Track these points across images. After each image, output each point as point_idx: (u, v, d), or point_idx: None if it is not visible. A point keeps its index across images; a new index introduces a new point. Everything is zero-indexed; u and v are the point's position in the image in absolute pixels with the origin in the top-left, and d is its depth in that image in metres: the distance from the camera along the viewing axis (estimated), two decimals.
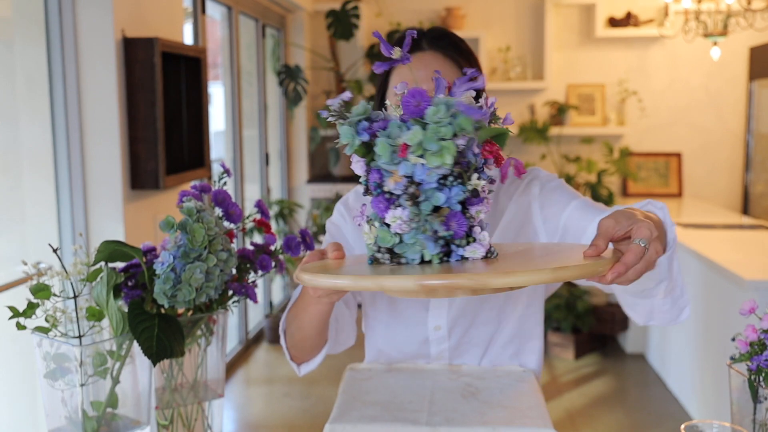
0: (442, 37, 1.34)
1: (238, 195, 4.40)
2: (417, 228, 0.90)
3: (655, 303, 1.18)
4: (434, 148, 0.87)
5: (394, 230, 0.91)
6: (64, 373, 1.07)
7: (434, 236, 0.90)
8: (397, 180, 0.90)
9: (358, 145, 0.91)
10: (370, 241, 0.94)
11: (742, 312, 1.14)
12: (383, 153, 0.89)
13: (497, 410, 1.16)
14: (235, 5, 4.31)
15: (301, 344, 1.34)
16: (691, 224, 4.13)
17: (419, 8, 5.46)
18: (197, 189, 1.19)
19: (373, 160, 0.92)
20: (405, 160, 0.89)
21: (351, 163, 0.98)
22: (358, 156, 0.92)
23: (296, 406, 3.78)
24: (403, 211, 0.90)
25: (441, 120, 0.88)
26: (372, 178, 0.92)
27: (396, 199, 0.90)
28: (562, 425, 3.53)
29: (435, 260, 0.91)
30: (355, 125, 0.92)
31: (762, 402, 1.08)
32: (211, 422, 1.20)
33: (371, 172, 0.92)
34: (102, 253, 1.09)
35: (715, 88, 5.44)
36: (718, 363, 3.19)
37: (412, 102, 0.90)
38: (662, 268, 1.10)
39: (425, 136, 0.88)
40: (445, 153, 0.87)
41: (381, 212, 0.92)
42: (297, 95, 4.96)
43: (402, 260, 0.92)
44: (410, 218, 0.90)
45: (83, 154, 2.57)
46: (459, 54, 1.34)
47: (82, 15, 2.52)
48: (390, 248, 0.92)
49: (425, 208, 0.90)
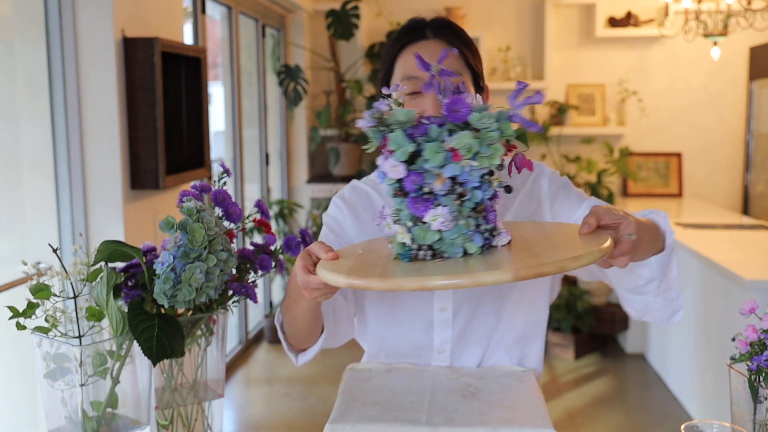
0: (445, 27, 1.38)
1: (238, 195, 4.40)
2: (458, 224, 0.96)
3: (649, 300, 1.26)
4: (486, 152, 0.95)
5: (435, 228, 0.96)
6: (64, 373, 1.07)
7: (478, 230, 0.98)
8: (443, 181, 0.95)
9: (411, 150, 0.95)
10: (406, 239, 0.98)
11: (742, 312, 1.14)
12: (434, 157, 0.94)
13: (497, 410, 1.16)
14: (235, 5, 4.31)
15: (297, 335, 1.33)
16: (691, 224, 4.13)
17: (419, 8, 5.46)
18: (197, 189, 1.19)
19: (413, 164, 0.96)
20: (453, 163, 0.94)
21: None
22: (399, 161, 0.96)
23: (296, 406, 3.78)
24: (443, 209, 0.95)
25: (489, 126, 0.95)
26: (413, 180, 0.96)
27: (436, 198, 0.96)
28: (562, 425, 3.53)
29: (478, 251, 0.98)
30: (404, 131, 0.96)
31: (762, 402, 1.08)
32: (211, 422, 1.20)
33: (411, 175, 0.96)
34: (102, 253, 1.09)
35: (716, 88, 5.44)
36: (718, 363, 3.19)
37: (454, 108, 0.96)
38: (653, 268, 1.18)
39: (476, 140, 0.95)
40: (495, 155, 0.96)
41: (420, 212, 0.96)
42: (297, 95, 4.96)
43: (444, 255, 0.98)
44: (453, 215, 0.96)
45: (83, 154, 2.57)
46: (462, 42, 1.38)
47: (82, 15, 2.52)
48: (430, 245, 0.97)
49: (468, 205, 0.97)
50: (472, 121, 0.96)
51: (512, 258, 0.94)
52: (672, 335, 3.98)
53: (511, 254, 0.97)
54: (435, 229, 0.97)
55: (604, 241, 0.97)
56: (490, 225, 0.99)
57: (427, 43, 1.36)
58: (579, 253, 0.91)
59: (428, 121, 0.98)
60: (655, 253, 1.17)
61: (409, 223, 0.98)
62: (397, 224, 1.00)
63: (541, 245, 1.00)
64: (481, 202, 0.98)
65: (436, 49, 1.35)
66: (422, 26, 1.38)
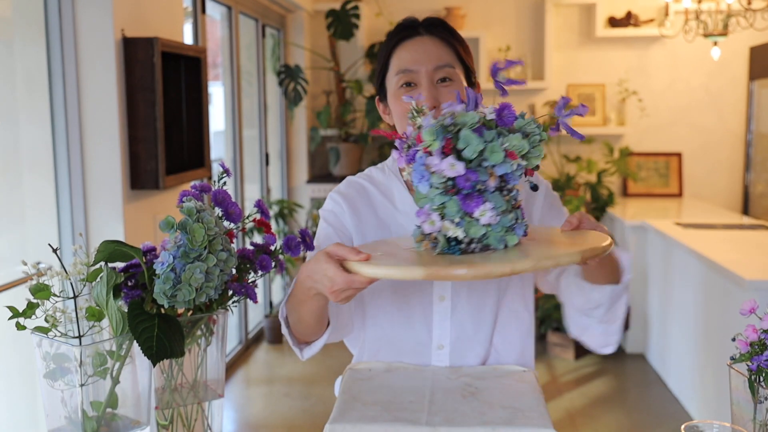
0: (437, 24, 1.44)
1: (238, 195, 4.39)
2: (503, 218, 1.06)
3: (591, 324, 1.38)
4: (534, 153, 1.06)
5: (483, 222, 1.04)
6: (63, 373, 1.07)
7: (518, 222, 1.08)
8: (495, 178, 1.05)
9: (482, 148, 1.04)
10: (458, 234, 1.05)
11: (743, 312, 1.14)
12: (494, 156, 1.03)
13: (497, 410, 1.16)
14: (234, 5, 4.31)
15: (303, 331, 1.35)
16: (691, 224, 4.13)
17: (419, 8, 5.46)
18: (197, 189, 1.18)
19: (471, 163, 1.04)
20: (505, 162, 1.04)
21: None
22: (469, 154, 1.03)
23: (296, 406, 3.78)
24: (489, 204, 1.04)
25: (534, 130, 1.07)
26: (468, 179, 1.04)
27: (484, 195, 1.05)
28: (562, 425, 3.53)
29: (515, 243, 1.07)
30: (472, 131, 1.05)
31: (762, 402, 1.08)
32: (211, 422, 1.20)
33: (467, 173, 1.03)
34: (102, 253, 1.09)
35: (716, 88, 5.44)
36: (719, 363, 3.19)
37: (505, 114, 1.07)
38: (604, 295, 1.30)
39: (528, 142, 1.06)
40: (541, 155, 1.07)
41: (470, 208, 1.04)
42: (297, 95, 4.96)
43: (491, 247, 1.07)
44: (499, 211, 1.05)
45: (83, 154, 2.57)
46: (454, 39, 1.44)
47: (82, 15, 2.52)
48: (479, 239, 1.06)
49: (512, 201, 1.07)
50: (519, 126, 1.06)
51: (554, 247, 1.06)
52: (672, 335, 3.98)
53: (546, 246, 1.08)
54: (483, 223, 1.04)
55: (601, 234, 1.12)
56: (525, 219, 1.10)
57: (421, 39, 1.42)
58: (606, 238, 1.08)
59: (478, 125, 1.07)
60: (610, 283, 1.30)
61: (456, 218, 1.04)
62: (443, 220, 1.05)
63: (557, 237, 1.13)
64: (518, 198, 1.09)
65: (430, 45, 1.41)
66: (416, 24, 1.44)
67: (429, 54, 1.40)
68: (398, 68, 1.41)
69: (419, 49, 1.41)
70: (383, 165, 1.54)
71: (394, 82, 1.42)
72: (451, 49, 1.42)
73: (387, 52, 1.44)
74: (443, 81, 1.40)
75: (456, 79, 1.41)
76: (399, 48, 1.42)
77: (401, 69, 1.40)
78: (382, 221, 1.44)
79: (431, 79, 1.39)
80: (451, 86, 1.40)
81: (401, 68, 1.40)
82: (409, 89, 1.39)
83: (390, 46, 1.44)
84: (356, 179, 1.51)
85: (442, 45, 1.41)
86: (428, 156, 1.04)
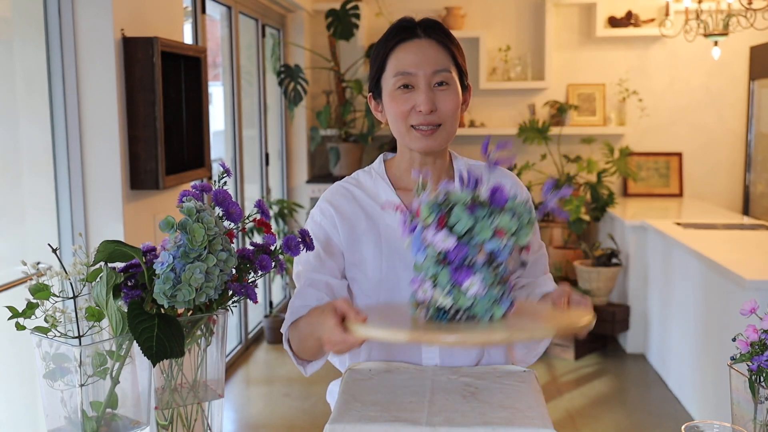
0: (435, 27, 1.45)
1: (238, 195, 4.39)
2: (490, 291, 1.13)
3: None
4: (523, 233, 1.14)
5: (471, 294, 1.12)
6: (63, 373, 1.06)
7: (504, 297, 1.16)
8: (484, 254, 1.12)
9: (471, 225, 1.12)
10: (446, 303, 1.14)
11: (743, 312, 1.14)
12: (483, 233, 1.11)
13: (497, 410, 1.16)
14: (234, 5, 4.31)
15: (305, 354, 1.43)
16: (691, 224, 4.13)
17: (419, 8, 5.46)
18: (197, 189, 1.18)
19: (462, 238, 1.12)
20: (494, 239, 1.12)
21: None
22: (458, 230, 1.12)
23: (296, 406, 3.78)
24: (479, 277, 1.12)
25: (524, 211, 1.14)
26: (459, 252, 1.12)
27: (473, 268, 1.13)
28: (562, 425, 3.53)
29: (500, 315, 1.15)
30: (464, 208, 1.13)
31: (763, 402, 1.08)
32: (211, 422, 1.20)
33: (457, 247, 1.12)
34: (102, 253, 1.08)
35: (716, 87, 5.44)
36: (719, 363, 3.19)
37: (497, 195, 1.14)
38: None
39: (517, 222, 1.13)
40: (528, 235, 1.14)
41: (461, 280, 1.13)
42: (297, 95, 4.96)
43: (476, 318, 1.15)
44: (487, 284, 1.13)
45: (83, 154, 2.57)
46: (450, 42, 1.45)
47: (82, 15, 2.52)
48: (466, 309, 1.14)
49: (500, 275, 1.14)
50: (510, 207, 1.14)
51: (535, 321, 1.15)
52: (672, 335, 3.98)
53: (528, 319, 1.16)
54: (471, 295, 1.13)
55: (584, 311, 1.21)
56: (512, 294, 1.18)
57: (419, 42, 1.43)
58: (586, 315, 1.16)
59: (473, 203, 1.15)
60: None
61: (447, 288, 1.13)
62: (435, 288, 1.15)
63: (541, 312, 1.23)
64: (506, 273, 1.16)
65: (427, 47, 1.42)
66: (413, 25, 1.45)
67: (427, 58, 1.41)
68: (396, 70, 1.42)
69: (418, 52, 1.42)
70: (370, 168, 1.56)
71: (391, 83, 1.43)
72: (447, 52, 1.44)
73: (385, 52, 1.45)
74: (440, 85, 1.42)
75: (452, 83, 1.43)
76: (397, 49, 1.43)
77: (399, 71, 1.42)
78: (372, 221, 1.48)
79: (429, 83, 1.41)
80: (447, 90, 1.42)
81: (399, 70, 1.42)
82: (406, 91, 1.42)
83: (388, 47, 1.45)
84: (342, 184, 1.55)
85: (439, 48, 1.43)
86: (425, 229, 1.14)
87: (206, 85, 3.05)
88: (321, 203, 1.52)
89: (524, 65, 5.44)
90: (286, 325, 1.43)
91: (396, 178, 1.52)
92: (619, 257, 4.64)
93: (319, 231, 1.49)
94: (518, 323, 1.14)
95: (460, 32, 5.38)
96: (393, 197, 1.49)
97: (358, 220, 1.48)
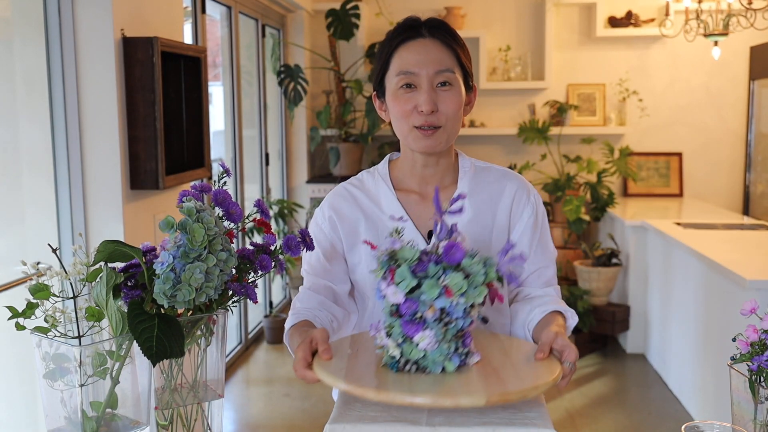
0: (440, 27, 1.44)
1: (237, 195, 4.39)
2: (441, 346, 1.15)
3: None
4: (473, 293, 1.13)
5: (421, 347, 1.14)
6: (63, 373, 1.06)
7: (457, 352, 1.17)
8: (434, 311, 1.13)
9: (414, 284, 1.14)
10: (396, 353, 1.16)
11: (743, 312, 1.14)
12: (430, 292, 1.13)
13: (497, 410, 1.16)
14: (234, 5, 4.31)
15: None
16: (691, 224, 4.13)
17: (419, 8, 5.45)
18: (197, 189, 1.18)
19: (410, 293, 1.14)
20: (444, 297, 1.13)
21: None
22: (401, 289, 1.14)
23: (296, 406, 3.78)
24: (430, 332, 1.13)
25: (478, 271, 1.14)
26: (409, 307, 1.14)
27: (425, 323, 1.14)
28: (562, 425, 3.53)
29: (453, 369, 1.16)
30: (408, 267, 1.14)
31: (763, 402, 1.08)
32: (211, 423, 1.20)
33: (407, 302, 1.14)
34: (102, 253, 1.08)
35: (716, 87, 5.44)
36: (719, 363, 3.19)
37: (452, 252, 1.14)
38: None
39: (468, 282, 1.13)
40: (480, 295, 1.14)
41: (410, 332, 1.14)
42: (297, 95, 4.96)
43: (427, 370, 1.16)
44: (438, 339, 1.14)
45: (83, 154, 2.57)
46: (455, 42, 1.44)
47: (82, 15, 2.52)
48: (416, 361, 1.16)
49: (452, 331, 1.15)
50: (464, 265, 1.14)
51: (483, 381, 1.13)
52: (672, 335, 3.98)
53: (481, 376, 1.15)
54: (421, 349, 1.14)
55: (555, 369, 1.17)
56: (466, 348, 1.18)
57: (423, 41, 1.42)
58: (537, 383, 1.11)
59: (427, 258, 1.15)
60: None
61: (399, 339, 1.15)
62: (388, 338, 1.16)
63: (505, 367, 1.19)
64: (461, 329, 1.16)
65: (432, 47, 1.41)
66: (418, 25, 1.44)
67: (431, 57, 1.41)
68: (399, 69, 1.42)
69: (421, 51, 1.41)
70: (374, 169, 1.56)
71: (394, 82, 1.43)
72: (452, 53, 1.42)
73: (389, 51, 1.44)
74: (443, 85, 1.41)
75: (455, 84, 1.42)
76: (401, 48, 1.42)
77: (402, 70, 1.41)
78: (372, 223, 1.49)
79: (431, 83, 1.40)
80: (450, 90, 1.41)
81: (402, 69, 1.41)
82: (408, 90, 1.41)
83: (392, 45, 1.44)
84: (345, 186, 1.55)
85: (443, 48, 1.42)
86: (382, 280, 1.17)
87: (206, 85, 3.05)
88: (323, 206, 1.53)
89: (524, 65, 5.44)
90: (287, 324, 1.44)
91: (398, 180, 1.52)
92: (619, 257, 4.64)
93: (321, 234, 1.50)
94: (454, 386, 1.11)
95: (460, 32, 5.35)
96: (392, 199, 1.49)
97: (358, 222, 1.49)
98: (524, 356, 1.25)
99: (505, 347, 1.30)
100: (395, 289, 1.15)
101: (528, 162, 5.27)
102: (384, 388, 1.10)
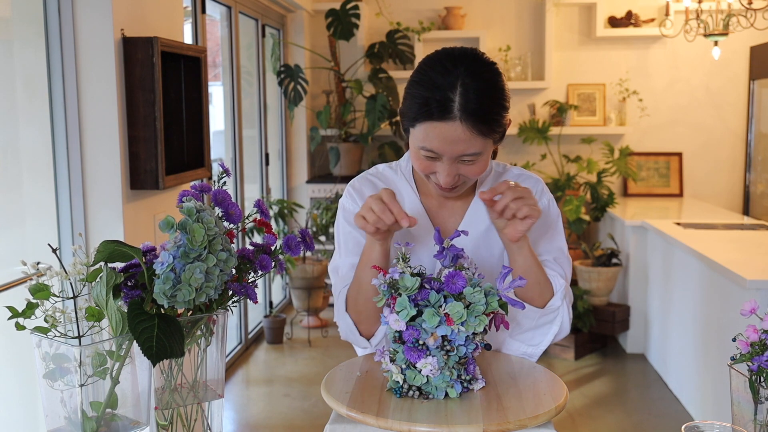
0: (476, 112, 1.27)
1: (237, 195, 4.39)
2: (443, 373, 1.17)
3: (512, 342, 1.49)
4: (473, 322, 1.15)
5: (424, 374, 1.17)
6: (63, 373, 1.06)
7: (459, 379, 1.20)
8: (435, 338, 1.16)
9: (414, 313, 1.16)
10: (399, 379, 1.19)
11: (743, 312, 1.14)
12: (431, 320, 1.14)
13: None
14: (234, 5, 4.31)
15: (366, 311, 1.40)
16: (691, 224, 4.13)
17: (419, 8, 5.46)
18: (197, 189, 1.18)
19: (412, 320, 1.17)
20: (445, 325, 1.15)
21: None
22: (402, 318, 1.17)
23: (296, 406, 3.78)
24: (433, 359, 1.16)
25: (478, 300, 1.15)
26: (412, 334, 1.17)
27: (428, 350, 1.17)
28: (562, 425, 3.53)
29: (456, 395, 1.19)
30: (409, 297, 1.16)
31: (763, 402, 1.08)
32: (211, 423, 1.20)
33: (409, 329, 1.17)
34: (101, 253, 1.08)
35: (716, 87, 5.44)
36: (719, 363, 3.19)
37: (453, 281, 1.17)
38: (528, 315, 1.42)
39: (468, 311, 1.15)
40: (480, 324, 1.16)
41: (413, 359, 1.17)
42: (297, 95, 4.96)
43: (430, 396, 1.19)
44: (440, 365, 1.17)
45: (83, 154, 2.57)
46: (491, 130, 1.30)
47: (82, 15, 2.52)
48: (419, 387, 1.19)
49: (454, 359, 1.18)
50: (465, 294, 1.16)
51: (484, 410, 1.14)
52: (672, 335, 3.97)
53: (483, 404, 1.17)
54: (424, 375, 1.17)
55: (559, 397, 1.19)
56: (469, 375, 1.21)
57: (454, 126, 1.27)
58: (538, 413, 1.13)
59: (429, 286, 1.17)
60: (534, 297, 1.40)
61: (402, 365, 1.19)
62: (392, 363, 1.20)
63: (508, 395, 1.20)
64: (464, 356, 1.19)
65: (461, 135, 1.27)
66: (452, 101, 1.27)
67: (458, 144, 1.28)
68: (422, 143, 1.31)
69: (448, 138, 1.28)
70: (397, 164, 1.54)
71: (416, 142, 1.34)
72: (483, 138, 1.29)
73: (415, 114, 1.30)
74: (467, 161, 1.32)
75: (481, 160, 1.33)
76: (427, 124, 1.29)
77: (425, 147, 1.31)
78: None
79: (453, 160, 1.31)
80: (474, 162, 1.32)
81: (425, 146, 1.31)
82: (430, 155, 1.32)
83: (420, 113, 1.29)
84: (365, 175, 1.53)
85: (475, 136, 1.28)
86: (386, 306, 1.19)
87: (206, 85, 3.05)
88: (349, 191, 1.51)
89: (524, 65, 5.44)
90: (342, 300, 1.43)
91: (421, 181, 1.48)
92: (619, 257, 4.64)
93: (351, 217, 1.47)
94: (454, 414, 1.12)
95: (460, 32, 5.38)
96: (414, 197, 1.48)
97: None
98: (531, 382, 1.26)
99: (515, 371, 1.31)
100: (396, 316, 1.17)
101: (528, 162, 5.27)
102: (383, 415, 1.13)
